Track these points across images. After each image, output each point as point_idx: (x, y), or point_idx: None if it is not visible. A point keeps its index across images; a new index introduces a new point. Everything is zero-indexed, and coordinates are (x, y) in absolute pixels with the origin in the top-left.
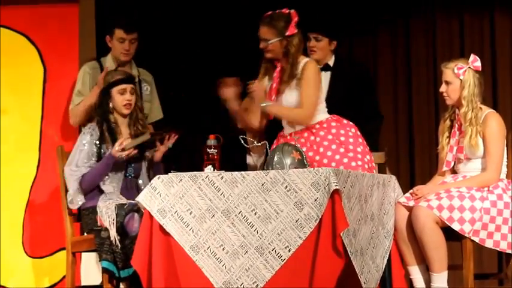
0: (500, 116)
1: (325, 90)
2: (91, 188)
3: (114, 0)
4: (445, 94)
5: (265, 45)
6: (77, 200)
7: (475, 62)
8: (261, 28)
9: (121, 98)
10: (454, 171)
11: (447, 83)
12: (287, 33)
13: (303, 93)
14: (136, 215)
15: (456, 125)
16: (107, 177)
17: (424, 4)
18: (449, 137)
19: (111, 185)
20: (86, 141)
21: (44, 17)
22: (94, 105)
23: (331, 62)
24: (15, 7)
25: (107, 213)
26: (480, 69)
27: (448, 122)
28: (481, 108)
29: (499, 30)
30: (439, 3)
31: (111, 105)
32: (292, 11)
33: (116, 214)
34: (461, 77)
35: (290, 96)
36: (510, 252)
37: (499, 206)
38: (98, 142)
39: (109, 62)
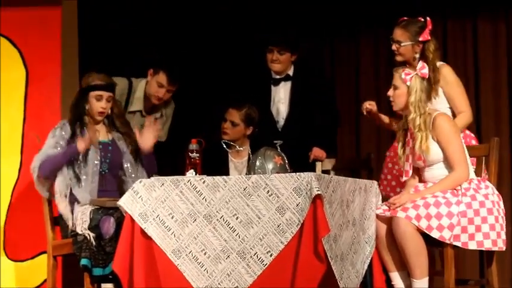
0: (447, 115)
1: (288, 98)
2: (49, 174)
3: (97, 3)
4: (391, 99)
5: (397, 47)
6: (47, 192)
7: (423, 69)
8: (395, 30)
9: (96, 104)
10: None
11: (395, 87)
12: (420, 39)
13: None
14: (111, 218)
15: (409, 134)
16: (82, 184)
17: (406, 11)
18: (404, 146)
19: (85, 192)
20: (55, 135)
21: (26, 20)
22: (71, 104)
23: (291, 72)
24: None
25: (81, 218)
26: (427, 76)
27: (402, 131)
28: (429, 113)
29: (482, 36)
30: (422, 9)
31: (86, 107)
32: (428, 19)
33: (91, 218)
34: (408, 83)
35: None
36: (496, 249)
37: (475, 206)
38: (68, 139)
39: (139, 92)
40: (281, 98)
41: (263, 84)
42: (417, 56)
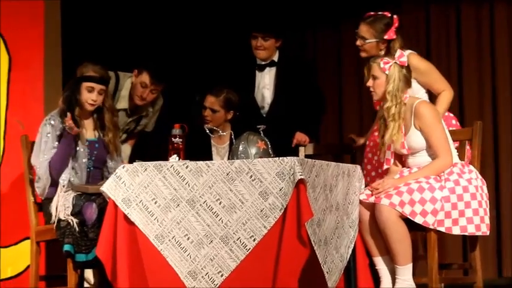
0: (429, 103)
1: (273, 84)
2: (60, 173)
3: None
4: (371, 89)
5: (362, 43)
6: (47, 188)
7: (401, 57)
8: (361, 26)
9: (87, 95)
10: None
11: (374, 77)
12: (385, 37)
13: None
14: (94, 204)
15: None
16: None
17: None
18: (384, 135)
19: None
20: (48, 132)
21: (9, 6)
22: (63, 93)
23: (275, 58)
24: None
25: (64, 204)
26: (406, 64)
27: (382, 120)
28: (405, 104)
29: (465, 22)
30: None
31: (78, 97)
32: (395, 16)
33: (74, 204)
34: (386, 71)
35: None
36: (480, 234)
37: (458, 191)
38: (58, 134)
39: (125, 90)
40: (266, 83)
41: (248, 70)
42: (382, 53)
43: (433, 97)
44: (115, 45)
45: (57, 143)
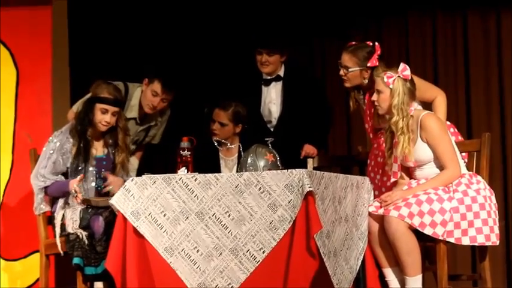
0: (434, 115)
1: (280, 99)
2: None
3: (87, 3)
4: (376, 103)
5: (345, 72)
6: (40, 207)
7: (405, 71)
8: (343, 55)
9: (101, 117)
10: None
11: (378, 92)
12: (368, 64)
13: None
14: (100, 217)
15: (396, 136)
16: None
17: (396, 4)
18: (391, 148)
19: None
20: (53, 150)
21: (16, 19)
22: (77, 112)
23: (281, 73)
24: None
25: (71, 218)
26: (409, 78)
27: (389, 133)
28: (412, 116)
29: (472, 30)
30: (411, 2)
31: (91, 117)
32: (376, 43)
33: (81, 218)
34: (390, 86)
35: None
36: (490, 244)
37: (467, 202)
38: (67, 152)
39: (135, 99)
40: (272, 98)
41: (254, 85)
42: (365, 81)
43: (425, 106)
44: (123, 57)
45: (59, 170)
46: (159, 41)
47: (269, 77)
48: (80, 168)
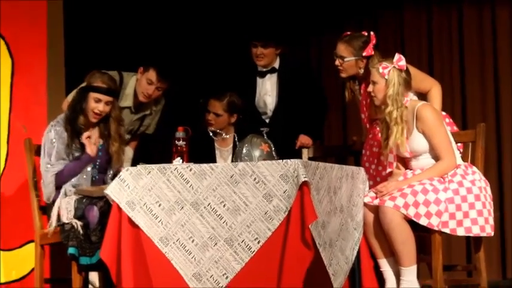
0: (430, 105)
1: (275, 90)
2: (65, 183)
3: None
4: (372, 94)
5: (341, 62)
6: (52, 195)
7: (400, 61)
8: (338, 45)
9: (94, 105)
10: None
11: (374, 82)
12: (364, 54)
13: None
14: (95, 207)
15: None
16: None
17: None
18: (387, 138)
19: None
20: (54, 138)
21: (12, 10)
22: (70, 101)
23: (276, 65)
24: None
25: (66, 207)
26: (405, 68)
27: (384, 124)
28: (407, 107)
29: (467, 22)
30: None
31: (84, 106)
32: (372, 33)
33: (76, 208)
34: (386, 76)
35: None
36: (484, 235)
37: (462, 192)
38: (64, 141)
39: (130, 88)
40: (268, 90)
41: (248, 77)
42: (361, 71)
43: (421, 96)
44: (118, 48)
45: (65, 156)
46: (155, 32)
47: (264, 69)
48: (77, 154)
